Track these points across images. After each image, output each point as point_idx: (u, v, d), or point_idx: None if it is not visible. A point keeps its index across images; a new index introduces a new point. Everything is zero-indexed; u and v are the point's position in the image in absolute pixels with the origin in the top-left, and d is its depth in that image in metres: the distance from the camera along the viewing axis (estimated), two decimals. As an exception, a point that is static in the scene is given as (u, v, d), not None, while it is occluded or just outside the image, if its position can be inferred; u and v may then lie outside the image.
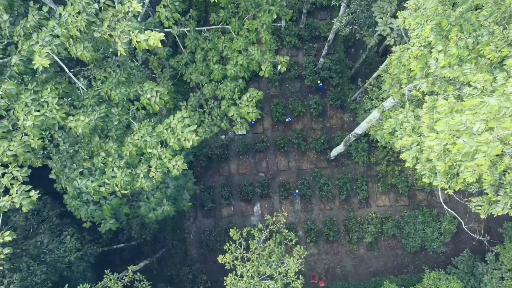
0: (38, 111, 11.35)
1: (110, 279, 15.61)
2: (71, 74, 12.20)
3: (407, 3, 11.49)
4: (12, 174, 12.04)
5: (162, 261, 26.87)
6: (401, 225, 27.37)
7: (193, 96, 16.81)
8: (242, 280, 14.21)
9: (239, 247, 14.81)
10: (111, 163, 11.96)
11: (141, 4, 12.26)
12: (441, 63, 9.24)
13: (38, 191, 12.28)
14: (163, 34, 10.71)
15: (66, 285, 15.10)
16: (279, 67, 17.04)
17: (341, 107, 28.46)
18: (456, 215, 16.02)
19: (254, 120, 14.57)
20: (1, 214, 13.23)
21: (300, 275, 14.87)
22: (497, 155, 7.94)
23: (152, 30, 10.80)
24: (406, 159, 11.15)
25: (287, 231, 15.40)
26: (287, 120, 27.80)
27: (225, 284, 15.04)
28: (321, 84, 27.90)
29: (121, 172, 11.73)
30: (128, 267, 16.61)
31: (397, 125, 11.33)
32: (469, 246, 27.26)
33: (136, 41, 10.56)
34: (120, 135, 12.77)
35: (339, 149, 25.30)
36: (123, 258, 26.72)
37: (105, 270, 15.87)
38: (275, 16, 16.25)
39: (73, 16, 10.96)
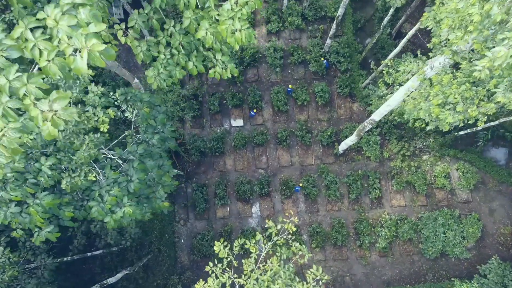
0: None
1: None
2: None
3: None
4: None
5: (148, 269, 21.97)
6: (419, 228, 22.51)
7: (137, 14, 8.49)
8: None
9: (227, 270, 9.92)
10: None
11: None
12: None
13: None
14: None
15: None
16: None
17: (350, 95, 23.64)
18: None
19: (246, 42, 7.93)
20: None
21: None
22: None
23: None
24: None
25: (297, 244, 10.49)
26: (290, 86, 22.95)
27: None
28: (326, 62, 23.11)
29: None
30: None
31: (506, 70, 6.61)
32: (496, 252, 22.40)
33: None
34: None
35: (350, 141, 20.47)
36: (104, 266, 21.82)
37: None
38: None
39: None
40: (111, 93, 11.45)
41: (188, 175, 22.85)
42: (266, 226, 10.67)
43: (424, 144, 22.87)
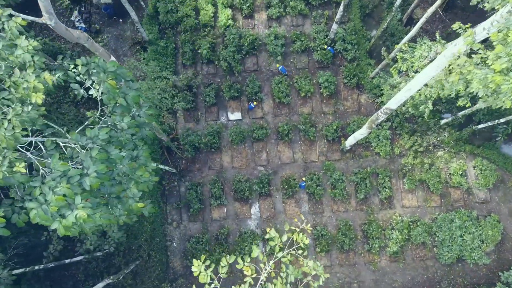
0: None
1: None
2: None
3: None
4: None
5: (137, 276, 19.17)
6: (433, 231, 19.74)
7: None
8: None
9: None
10: None
11: None
12: None
13: None
14: None
15: None
16: None
17: (357, 86, 20.89)
18: None
19: None
20: None
21: None
22: None
23: None
24: None
25: (310, 262, 7.55)
26: (278, 65, 20.31)
27: None
28: (331, 49, 20.38)
29: None
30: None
31: None
32: (518, 257, 19.63)
33: None
34: None
35: (359, 134, 17.71)
36: (88, 272, 18.98)
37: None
38: None
39: None
40: (72, 66, 8.74)
41: (181, 173, 20.08)
42: (266, 236, 7.77)
43: (438, 139, 20.12)
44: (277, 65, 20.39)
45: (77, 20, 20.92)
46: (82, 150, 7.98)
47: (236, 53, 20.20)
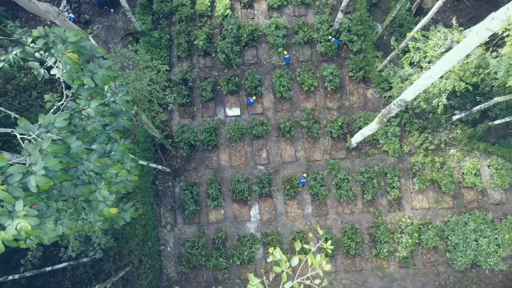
0: None
1: None
2: None
3: None
4: None
5: (128, 283, 17.32)
6: (445, 235, 17.92)
7: None
8: None
9: None
10: None
11: None
12: None
13: None
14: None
15: None
16: None
17: (363, 80, 19.08)
18: None
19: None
20: None
21: None
22: None
23: None
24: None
25: None
26: (285, 53, 18.50)
27: None
28: (335, 40, 18.56)
29: None
30: None
31: None
32: (538, 263, 17.81)
33: None
34: None
35: (368, 130, 15.88)
36: (75, 279, 17.15)
37: None
38: None
39: None
40: (30, 41, 6.98)
41: (175, 172, 18.26)
42: (269, 259, 5.81)
43: (450, 136, 18.32)
44: (285, 52, 18.48)
45: (65, 10, 19.13)
46: (38, 141, 6.16)
47: (234, 45, 18.42)
